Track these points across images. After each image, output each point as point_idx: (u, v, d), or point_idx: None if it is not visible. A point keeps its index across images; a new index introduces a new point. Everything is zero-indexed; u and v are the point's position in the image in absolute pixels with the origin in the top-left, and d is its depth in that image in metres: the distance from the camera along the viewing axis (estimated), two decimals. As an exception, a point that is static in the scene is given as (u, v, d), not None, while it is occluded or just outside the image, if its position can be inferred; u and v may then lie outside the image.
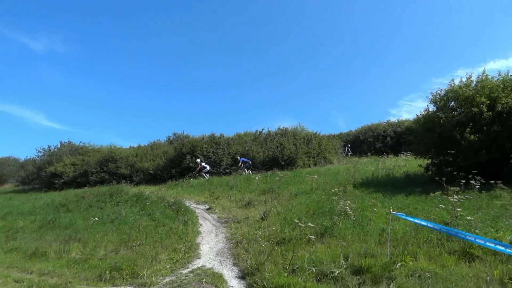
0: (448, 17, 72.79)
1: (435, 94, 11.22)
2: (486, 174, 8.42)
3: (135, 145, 29.12)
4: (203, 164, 20.01)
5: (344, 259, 5.35)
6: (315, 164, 21.66)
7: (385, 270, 4.77)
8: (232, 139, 23.58)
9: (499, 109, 9.35)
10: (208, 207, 11.87)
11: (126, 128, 75.99)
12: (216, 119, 72.26)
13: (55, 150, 29.54)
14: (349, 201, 8.00)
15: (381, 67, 76.72)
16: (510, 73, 10.29)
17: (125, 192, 14.68)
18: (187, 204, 12.02)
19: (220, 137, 23.55)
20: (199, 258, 6.88)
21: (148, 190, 16.66)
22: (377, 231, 6.43)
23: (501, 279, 4.20)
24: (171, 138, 28.99)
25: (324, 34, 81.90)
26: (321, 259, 5.42)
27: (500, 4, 67.84)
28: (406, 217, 5.37)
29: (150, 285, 5.48)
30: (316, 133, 24.92)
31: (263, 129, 25.40)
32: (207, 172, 20.06)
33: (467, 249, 5.04)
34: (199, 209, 11.71)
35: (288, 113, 71.46)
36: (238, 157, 20.48)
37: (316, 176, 12.59)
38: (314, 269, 5.14)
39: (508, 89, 9.66)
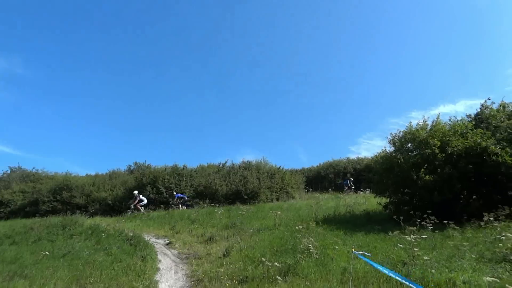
0: (403, 63, 78.45)
1: (393, 135, 11.89)
2: (440, 214, 8.89)
3: (93, 173, 28.00)
4: (140, 196, 19.39)
5: (307, 300, 5.35)
6: (277, 199, 21.77)
7: (347, 310, 4.81)
8: (195, 171, 23.31)
9: (450, 151, 10.05)
10: (168, 241, 11.48)
11: (83, 155, 72.67)
12: (180, 150, 71.19)
13: (4, 175, 27.69)
14: (312, 239, 8.08)
15: (342, 105, 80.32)
16: (458, 119, 11.20)
17: (80, 224, 13.87)
18: (146, 238, 11.55)
19: (183, 169, 23.23)
20: (158, 298, 6.59)
21: (105, 222, 15.87)
22: (339, 269, 6.51)
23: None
24: (132, 168, 28.14)
25: (287, 71, 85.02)
26: (284, 299, 5.39)
27: (448, 56, 74.26)
28: (366, 260, 5.51)
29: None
30: (279, 167, 25.22)
31: (226, 162, 25.37)
32: (144, 206, 19.38)
33: (424, 290, 5.22)
34: (159, 243, 11.29)
35: (252, 147, 72.03)
36: (174, 192, 20.11)
37: (279, 212, 12.65)
38: (277, 310, 5.09)
39: (458, 133, 10.46)
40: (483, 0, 69.55)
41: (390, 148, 11.93)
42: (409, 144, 11.39)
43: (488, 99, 12.19)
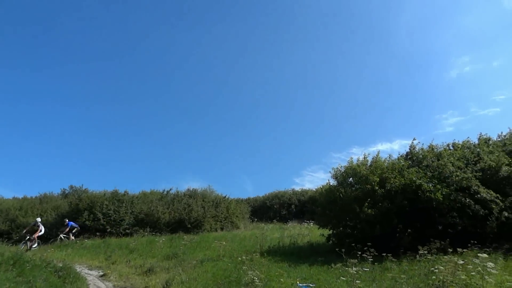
0: (346, 102, 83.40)
1: (336, 170, 12.39)
2: (379, 247, 9.24)
3: (21, 196, 25.61)
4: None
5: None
6: (222, 229, 21.40)
7: None
8: (137, 197, 22.29)
9: (388, 188, 10.65)
10: (102, 273, 10.63)
11: (10, 175, 66.13)
12: (121, 175, 67.43)
13: None
14: (257, 272, 7.94)
15: (287, 138, 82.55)
16: (395, 157, 12.05)
17: (0, 253, 12.40)
18: (78, 270, 10.59)
19: (124, 194, 22.10)
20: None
21: (31, 251, 14.39)
22: (283, 303, 6.42)
23: None
24: (67, 192, 26.24)
25: (234, 102, 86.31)
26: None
27: (386, 98, 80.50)
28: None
29: None
30: (225, 196, 24.98)
31: (171, 189, 24.66)
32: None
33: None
34: (92, 275, 10.41)
35: (198, 174, 70.62)
36: (66, 220, 18.49)
37: (224, 242, 12.37)
38: None
39: (396, 171, 11.16)
40: (413, 55, 77.13)
41: (333, 182, 12.38)
42: (351, 179, 11.91)
43: (414, 139, 13.38)
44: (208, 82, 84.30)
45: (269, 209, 29.69)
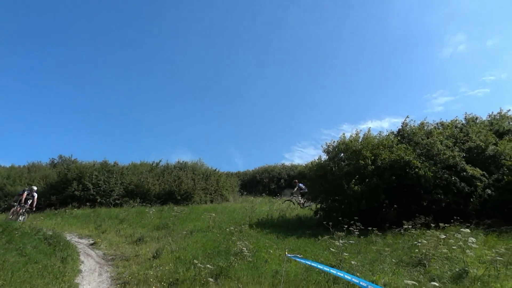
0: (337, 80, 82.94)
1: (328, 144, 12.47)
2: (365, 221, 9.49)
3: (8, 165, 25.35)
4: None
5: (238, 302, 5.31)
6: (211, 201, 21.63)
7: (277, 312, 4.86)
8: (127, 168, 22.26)
9: (379, 164, 10.80)
10: (92, 242, 10.74)
11: (-1, 143, 65.13)
12: (111, 146, 67.06)
13: None
14: (246, 242, 8.10)
15: (279, 113, 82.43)
16: (385, 134, 12.19)
17: (-12, 221, 12.41)
18: (68, 238, 10.69)
19: (114, 165, 22.04)
20: (78, 301, 6.09)
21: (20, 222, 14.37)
22: (271, 272, 6.59)
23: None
24: (56, 161, 26.04)
25: (227, 77, 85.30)
26: (215, 302, 5.29)
27: (377, 77, 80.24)
28: (302, 260, 5.63)
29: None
30: (215, 169, 25.11)
31: (160, 161, 24.63)
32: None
33: (350, 291, 5.49)
34: (82, 244, 10.51)
35: (188, 148, 70.54)
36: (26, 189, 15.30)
37: (213, 214, 12.52)
38: (207, 313, 4.98)
39: (386, 148, 11.29)
40: (396, 35, 76.37)
41: (324, 157, 12.49)
42: (342, 154, 12.01)
43: (407, 117, 13.49)
44: (200, 57, 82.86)
45: (258, 183, 30.00)
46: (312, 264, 5.34)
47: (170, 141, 71.75)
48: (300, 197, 17.57)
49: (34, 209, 14.54)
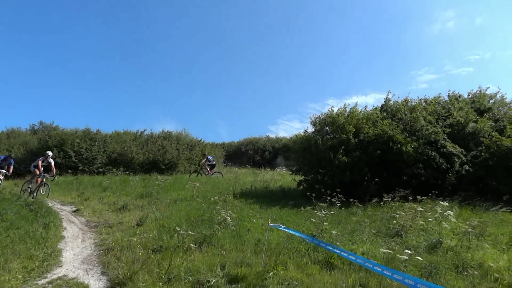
0: (324, 54, 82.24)
1: (316, 117, 12.53)
2: (347, 193, 9.74)
3: (-15, 130, 24.63)
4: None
5: (221, 268, 5.42)
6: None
7: (259, 279, 5.00)
8: (110, 137, 21.91)
9: (362, 137, 10.96)
10: (75, 209, 10.68)
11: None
12: (93, 113, 65.81)
13: None
14: (230, 211, 8.21)
15: (264, 85, 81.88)
16: (370, 108, 12.29)
17: (-34, 186, 12.17)
18: (50, 205, 10.60)
19: (97, 133, 21.66)
20: (61, 266, 6.09)
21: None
22: (253, 241, 6.73)
23: (353, 286, 4.83)
24: (36, 128, 25.39)
25: (213, 47, 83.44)
26: (199, 268, 5.39)
27: (362, 52, 79.86)
28: (285, 229, 5.77)
29: (-6, 299, 4.62)
30: (200, 140, 25.04)
31: (144, 130, 24.33)
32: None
33: (329, 259, 5.69)
34: (65, 210, 10.44)
35: (172, 117, 69.98)
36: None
37: (198, 184, 12.57)
38: (190, 278, 5.07)
39: (370, 122, 11.42)
40: (395, 12, 75.58)
41: (311, 129, 12.59)
42: (327, 127, 12.11)
43: (389, 92, 13.69)
44: (186, 26, 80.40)
45: (243, 155, 30.18)
46: (295, 233, 5.48)
47: (154, 110, 70.90)
48: (208, 168, 19.15)
49: (10, 174, 13.80)
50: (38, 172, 12.24)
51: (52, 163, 12.99)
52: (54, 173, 13.00)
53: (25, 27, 69.95)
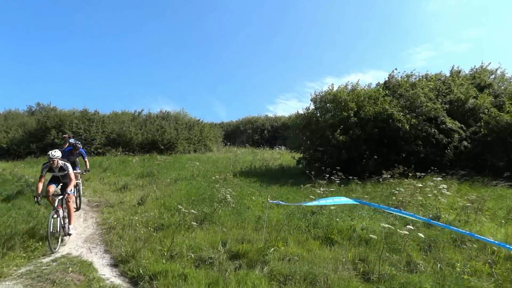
0: (321, 31, 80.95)
1: (317, 94, 12.47)
2: (346, 170, 9.78)
3: (-18, 112, 24.44)
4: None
5: (222, 245, 5.50)
6: (195, 151, 21.72)
7: (260, 254, 5.07)
8: (108, 117, 21.80)
9: (362, 115, 10.92)
10: (76, 189, 10.73)
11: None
12: (91, 94, 64.91)
13: None
14: (230, 189, 8.25)
15: (262, 65, 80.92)
16: (373, 86, 12.17)
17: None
18: (51, 185, 10.64)
19: (94, 114, 21.53)
20: (64, 245, 6.17)
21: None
22: (254, 218, 6.80)
23: (353, 260, 4.92)
24: (34, 109, 25.22)
25: (211, 28, 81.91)
26: (200, 245, 5.46)
27: (360, 30, 78.59)
28: (283, 202, 5.81)
29: (0, 277, 4.69)
30: (198, 120, 24.96)
31: (142, 110, 24.19)
32: None
33: (329, 235, 5.76)
34: (65, 191, 10.50)
35: (170, 97, 69.36)
36: None
37: (197, 163, 12.60)
38: (193, 255, 5.14)
39: (372, 100, 11.35)
40: None
41: (312, 106, 12.55)
42: (328, 105, 12.04)
43: (395, 69, 13.52)
44: (183, 5, 78.70)
45: (242, 134, 30.14)
46: (294, 204, 5.50)
47: (152, 91, 70.22)
48: None
49: None
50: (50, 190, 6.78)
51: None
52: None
53: (20, 4, 68.39)
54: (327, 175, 9.41)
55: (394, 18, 76.71)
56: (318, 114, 11.63)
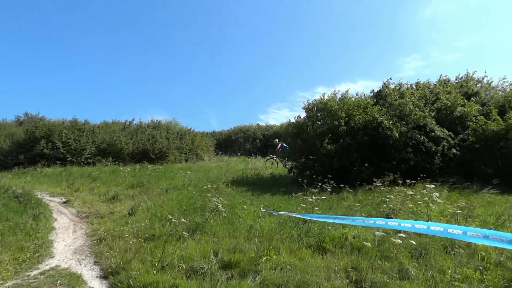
0: (308, 40, 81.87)
1: (309, 102, 12.57)
2: (338, 179, 9.83)
3: (-30, 122, 24.06)
4: None
5: (214, 255, 5.45)
6: (186, 160, 21.63)
7: (252, 264, 5.04)
8: (98, 127, 21.61)
9: (352, 124, 11.03)
10: (65, 200, 10.57)
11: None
12: (80, 104, 64.21)
13: None
14: (222, 199, 8.22)
15: (253, 74, 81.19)
16: (362, 95, 12.33)
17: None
18: (39, 196, 10.48)
19: (84, 124, 21.33)
20: (53, 257, 6.05)
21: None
22: (246, 227, 6.77)
23: (345, 268, 4.92)
24: (21, 119, 24.92)
25: (202, 38, 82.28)
26: (192, 255, 5.41)
27: (350, 40, 79.73)
28: (276, 212, 5.81)
29: (-14, 291, 4.58)
30: (190, 129, 24.91)
31: (133, 119, 24.08)
32: None
33: (321, 244, 5.76)
34: (54, 202, 10.33)
35: (161, 107, 68.93)
36: None
37: (189, 172, 12.54)
38: (184, 266, 5.09)
39: (361, 109, 11.49)
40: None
41: (303, 115, 12.66)
42: (319, 114, 12.15)
43: (390, 79, 13.72)
44: (177, 15, 79.00)
45: (233, 143, 30.13)
46: (290, 214, 5.50)
47: (143, 100, 69.84)
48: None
49: None
50: None
51: None
52: None
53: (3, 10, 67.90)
54: (319, 183, 9.45)
55: (385, 28, 77.85)
56: (309, 123, 11.71)
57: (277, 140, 18.53)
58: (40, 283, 4.82)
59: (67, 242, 6.90)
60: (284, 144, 17.12)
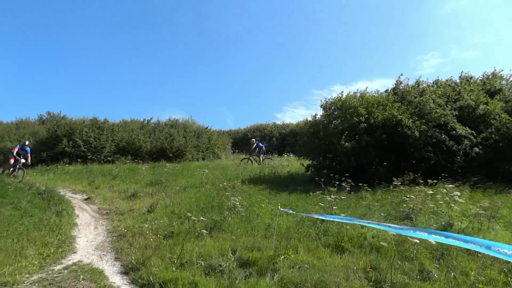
0: (325, 38, 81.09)
1: (326, 100, 12.47)
2: (356, 178, 9.69)
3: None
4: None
5: (232, 253, 5.48)
6: (203, 158, 21.80)
7: (270, 262, 5.04)
8: (117, 125, 22.05)
9: (371, 122, 10.87)
10: (86, 197, 10.85)
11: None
12: (100, 103, 65.74)
13: None
14: (239, 197, 8.25)
15: (270, 73, 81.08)
16: (381, 92, 12.17)
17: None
18: (62, 193, 10.77)
19: (104, 122, 21.81)
20: (75, 252, 6.22)
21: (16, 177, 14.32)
22: (263, 226, 6.77)
23: (364, 268, 4.86)
24: (44, 118, 25.64)
25: (216, 35, 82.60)
26: (210, 253, 5.46)
27: (367, 38, 78.58)
28: (295, 212, 5.79)
29: (13, 284, 4.72)
30: (207, 127, 25.08)
31: (151, 118, 24.45)
32: None
33: (339, 243, 5.71)
34: (76, 199, 10.61)
35: (179, 107, 69.93)
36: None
37: (206, 170, 12.64)
38: (203, 263, 5.14)
39: (380, 106, 11.30)
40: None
41: (321, 112, 12.56)
42: (337, 112, 12.02)
43: (401, 75, 13.53)
44: (192, 15, 79.67)
45: (250, 141, 30.13)
46: (311, 215, 5.47)
47: (160, 100, 70.87)
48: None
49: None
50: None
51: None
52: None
53: (29, 8, 69.88)
54: (337, 183, 9.35)
55: (403, 25, 76.58)
56: (326, 122, 11.61)
57: (253, 139, 19.55)
58: (64, 277, 4.95)
59: (88, 238, 7.06)
60: (260, 144, 18.58)
